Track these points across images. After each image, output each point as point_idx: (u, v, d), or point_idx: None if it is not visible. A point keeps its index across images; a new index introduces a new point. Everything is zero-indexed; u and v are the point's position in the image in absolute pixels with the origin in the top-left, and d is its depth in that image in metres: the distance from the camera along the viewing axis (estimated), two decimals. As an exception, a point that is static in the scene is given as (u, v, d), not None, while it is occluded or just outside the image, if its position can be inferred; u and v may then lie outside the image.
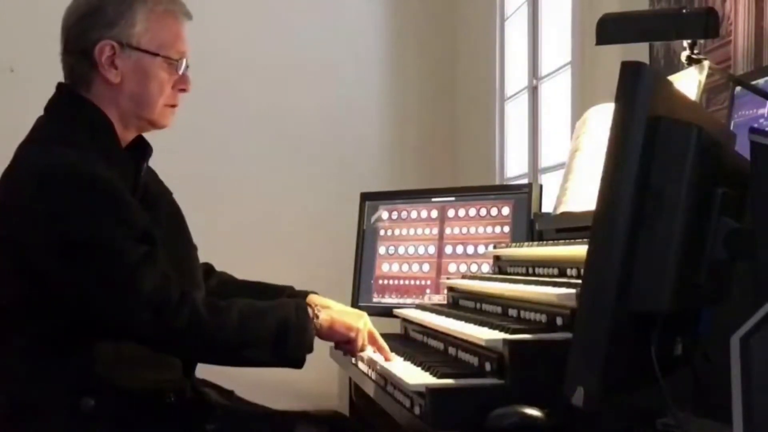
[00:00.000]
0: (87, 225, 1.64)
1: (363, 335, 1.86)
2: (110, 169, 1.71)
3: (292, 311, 1.75)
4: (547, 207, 2.69)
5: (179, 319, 1.63)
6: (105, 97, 1.80)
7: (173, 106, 1.86)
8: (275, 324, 1.72)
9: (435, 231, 2.96)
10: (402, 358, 1.86)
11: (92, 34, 1.79)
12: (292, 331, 1.72)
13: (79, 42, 1.80)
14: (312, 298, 1.96)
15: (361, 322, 1.86)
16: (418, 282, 2.96)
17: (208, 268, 2.07)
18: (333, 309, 1.88)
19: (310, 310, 1.79)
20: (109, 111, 1.80)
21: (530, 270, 2.03)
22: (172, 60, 1.82)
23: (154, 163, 1.92)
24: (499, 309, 1.91)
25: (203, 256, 1.98)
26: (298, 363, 1.74)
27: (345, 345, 1.88)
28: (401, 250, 3.02)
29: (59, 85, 1.86)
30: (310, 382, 3.98)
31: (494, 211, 2.84)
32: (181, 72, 1.84)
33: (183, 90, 1.86)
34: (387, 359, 1.85)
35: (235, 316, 1.69)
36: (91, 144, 1.74)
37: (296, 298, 1.86)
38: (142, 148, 1.88)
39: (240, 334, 1.69)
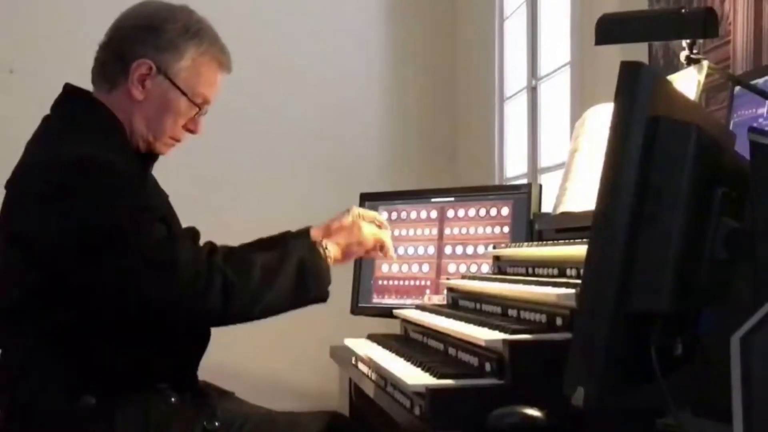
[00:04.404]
0: (110, 212, 1.66)
1: (371, 244, 1.99)
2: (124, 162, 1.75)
3: (306, 251, 1.82)
4: (547, 207, 2.69)
5: (213, 289, 1.65)
6: (121, 106, 1.83)
7: (177, 140, 1.90)
8: (295, 268, 1.78)
9: (434, 231, 2.96)
10: (402, 359, 1.86)
11: (139, 47, 1.82)
12: (310, 271, 1.79)
13: (124, 47, 1.83)
14: (313, 233, 2.01)
15: (362, 235, 1.97)
16: (417, 282, 2.96)
17: (211, 248, 2.01)
18: (334, 234, 1.94)
19: (320, 249, 1.85)
20: (122, 119, 1.83)
21: (530, 270, 2.03)
22: (195, 103, 1.86)
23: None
24: (499, 309, 1.91)
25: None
26: (322, 299, 1.83)
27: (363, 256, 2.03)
28: (401, 250, 3.02)
29: (66, 86, 1.86)
30: (310, 382, 3.98)
31: (494, 212, 2.83)
32: (197, 116, 1.89)
33: (191, 131, 1.91)
34: (389, 257, 2.00)
35: (258, 273, 1.73)
36: (104, 140, 1.76)
37: (305, 239, 1.89)
38: (148, 152, 1.89)
39: (266, 289, 1.73)
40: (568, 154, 2.30)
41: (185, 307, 1.67)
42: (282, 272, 1.76)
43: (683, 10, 1.82)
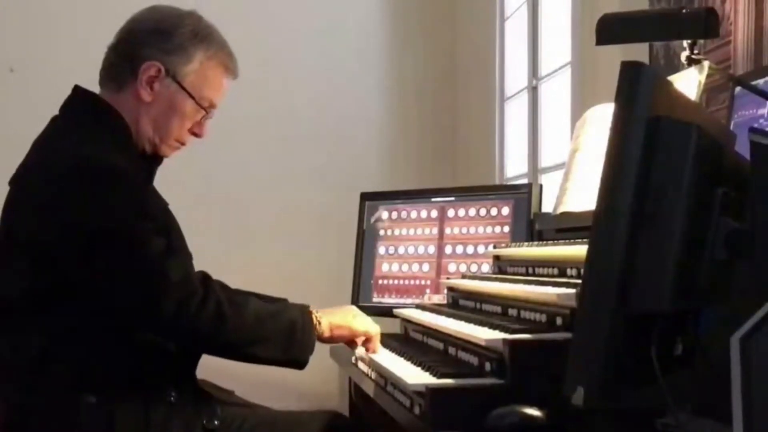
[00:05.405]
0: (111, 215, 1.67)
1: (359, 334, 1.96)
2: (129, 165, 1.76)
3: (299, 314, 1.83)
4: (547, 207, 2.69)
5: (205, 312, 1.67)
6: (128, 107, 1.84)
7: (182, 143, 1.92)
8: (286, 324, 1.79)
9: (435, 231, 2.96)
10: (402, 358, 1.86)
11: (148, 50, 1.84)
12: (299, 333, 1.80)
13: (133, 49, 1.85)
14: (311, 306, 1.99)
15: (354, 323, 1.95)
16: (418, 282, 2.96)
17: (205, 276, 2.04)
18: (328, 315, 1.93)
19: (313, 317, 1.86)
20: (128, 120, 1.84)
21: (530, 270, 2.03)
22: (202, 106, 1.88)
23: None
24: (499, 309, 1.91)
25: (203, 257, 1.98)
26: (302, 364, 1.82)
27: (345, 344, 2.00)
28: (401, 250, 3.02)
29: (75, 88, 1.87)
30: (310, 382, 3.97)
31: (494, 211, 2.84)
32: (203, 119, 1.91)
33: (195, 134, 1.93)
34: (373, 351, 1.97)
35: (252, 314, 1.75)
36: (110, 142, 1.77)
37: (301, 305, 1.89)
38: (152, 155, 1.90)
39: (254, 331, 1.75)
40: (568, 153, 2.30)
41: (175, 324, 1.68)
42: (273, 324, 1.78)
43: (684, 11, 1.83)
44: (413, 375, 1.63)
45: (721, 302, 1.22)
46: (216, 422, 1.80)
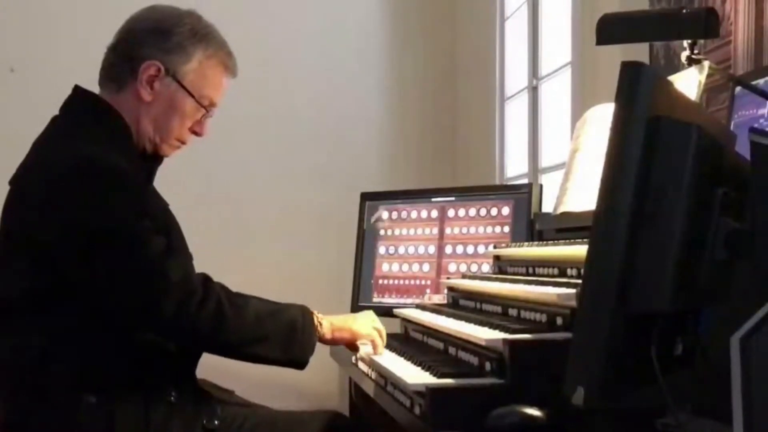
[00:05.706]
0: (111, 215, 1.68)
1: (361, 337, 1.96)
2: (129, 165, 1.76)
3: (299, 314, 1.83)
4: (547, 207, 2.69)
5: (204, 312, 1.68)
6: (129, 108, 1.85)
7: (183, 143, 1.93)
8: (286, 324, 1.80)
9: (435, 231, 2.96)
10: (402, 358, 1.86)
11: (147, 50, 1.84)
12: (299, 333, 1.80)
13: (132, 50, 1.85)
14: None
15: (356, 325, 1.95)
16: (418, 282, 2.97)
17: (206, 277, 2.04)
18: (330, 317, 1.94)
19: (314, 318, 1.86)
20: (128, 120, 1.85)
21: (530, 270, 2.03)
22: (202, 105, 1.89)
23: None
24: (499, 309, 1.91)
25: (203, 257, 1.98)
26: (302, 364, 1.83)
27: (347, 346, 2.01)
28: (401, 250, 3.02)
29: (76, 88, 1.88)
30: (310, 382, 3.97)
31: (494, 211, 2.84)
32: (203, 118, 1.92)
33: (196, 133, 1.93)
34: (375, 352, 1.96)
35: (252, 313, 1.76)
36: (110, 142, 1.77)
37: (301, 305, 1.89)
38: (153, 155, 1.91)
39: (254, 330, 1.76)
40: (568, 153, 2.30)
41: (175, 324, 1.68)
42: (272, 324, 1.78)
43: (684, 11, 1.83)
44: (413, 375, 1.63)
45: (721, 302, 1.22)
46: (216, 422, 1.80)
